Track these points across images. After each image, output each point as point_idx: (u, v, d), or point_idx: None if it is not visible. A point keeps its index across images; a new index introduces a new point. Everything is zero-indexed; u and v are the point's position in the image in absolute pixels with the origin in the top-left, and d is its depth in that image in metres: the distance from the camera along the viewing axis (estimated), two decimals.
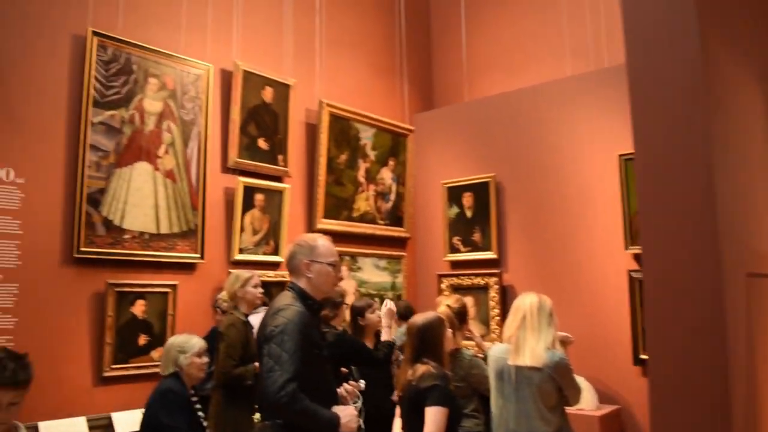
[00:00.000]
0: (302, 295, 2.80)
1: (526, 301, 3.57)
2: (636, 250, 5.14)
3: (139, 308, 4.66)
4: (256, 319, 3.93)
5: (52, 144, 4.40)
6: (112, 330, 4.51)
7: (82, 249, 4.42)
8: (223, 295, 4.50)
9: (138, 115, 4.87)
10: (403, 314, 5.67)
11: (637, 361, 5.14)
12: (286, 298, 2.79)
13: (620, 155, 5.34)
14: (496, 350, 3.68)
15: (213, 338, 4.26)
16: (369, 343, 4.47)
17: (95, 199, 4.53)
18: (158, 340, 4.71)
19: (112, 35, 4.76)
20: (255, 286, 4.27)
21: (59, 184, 4.41)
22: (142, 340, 4.67)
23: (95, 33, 4.66)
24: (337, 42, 6.86)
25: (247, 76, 5.70)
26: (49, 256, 4.31)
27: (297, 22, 6.38)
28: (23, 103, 4.30)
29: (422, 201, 7.23)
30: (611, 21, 6.04)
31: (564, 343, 4.15)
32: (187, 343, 3.55)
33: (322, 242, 2.90)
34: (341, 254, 6.43)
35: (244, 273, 4.33)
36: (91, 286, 4.49)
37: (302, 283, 2.83)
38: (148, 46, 4.98)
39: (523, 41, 7.23)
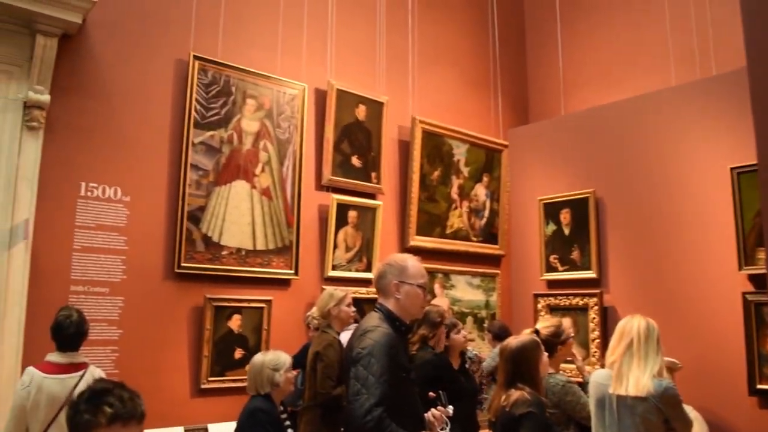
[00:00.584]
0: (390, 317, 2.74)
1: (632, 325, 3.33)
2: (752, 270, 4.77)
3: (235, 322, 4.78)
4: (345, 337, 3.93)
5: (156, 164, 4.62)
6: (210, 343, 4.64)
7: (183, 264, 4.59)
8: (314, 312, 4.51)
9: (236, 135, 5.03)
10: (498, 334, 5.53)
11: (754, 392, 4.73)
12: (373, 320, 2.72)
13: (732, 168, 4.97)
14: (597, 376, 3.47)
15: (305, 354, 4.29)
16: (454, 363, 4.37)
17: (195, 217, 4.71)
18: (253, 353, 4.79)
19: (212, 59, 4.95)
20: (348, 305, 4.26)
21: (162, 201, 4.61)
22: (238, 353, 4.78)
23: (196, 57, 4.86)
24: (430, 59, 6.84)
25: (341, 94, 5.78)
26: (152, 270, 4.50)
27: (390, 41, 6.42)
28: (131, 125, 4.54)
29: (517, 218, 7.03)
30: (719, 26, 5.70)
31: (671, 369, 3.88)
32: (278, 360, 3.58)
33: (412, 263, 2.83)
34: (434, 271, 6.38)
35: (338, 292, 4.32)
36: (190, 300, 4.65)
37: (390, 305, 2.77)
38: (245, 68, 5.14)
39: (623, 51, 6.94)
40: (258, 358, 3.64)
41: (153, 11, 4.77)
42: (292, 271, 5.20)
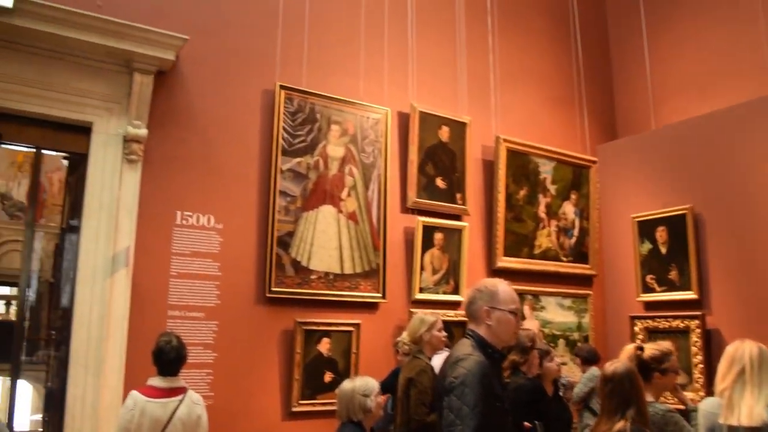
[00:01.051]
0: (482, 344, 2.63)
1: (743, 351, 3.11)
2: None
3: (324, 346, 4.82)
4: (436, 362, 3.87)
5: (246, 191, 4.75)
6: (300, 366, 4.69)
7: (274, 289, 4.68)
8: (404, 337, 4.44)
9: (322, 161, 5.11)
10: (587, 358, 5.32)
11: None
12: (465, 347, 2.62)
13: None
14: (707, 405, 3.26)
15: (394, 379, 4.26)
16: (547, 390, 4.22)
17: (284, 242, 4.80)
18: (343, 377, 4.82)
19: (297, 87, 5.07)
20: (439, 330, 4.18)
21: (252, 228, 4.73)
22: (328, 377, 4.81)
23: (282, 87, 4.99)
24: (511, 76, 6.74)
25: (424, 116, 5.79)
26: (245, 295, 4.61)
27: (470, 60, 6.39)
28: (222, 154, 4.70)
29: (609, 236, 6.76)
30: None
31: None
32: (367, 386, 3.53)
33: (503, 288, 2.72)
34: (523, 293, 6.23)
35: (429, 317, 4.23)
36: (281, 323, 4.72)
37: (482, 331, 2.66)
38: (329, 95, 5.24)
39: (713, 59, 6.60)
40: (347, 384, 3.56)
41: (240, 45, 4.94)
42: (380, 295, 5.20)
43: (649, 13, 7.03)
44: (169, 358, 3.46)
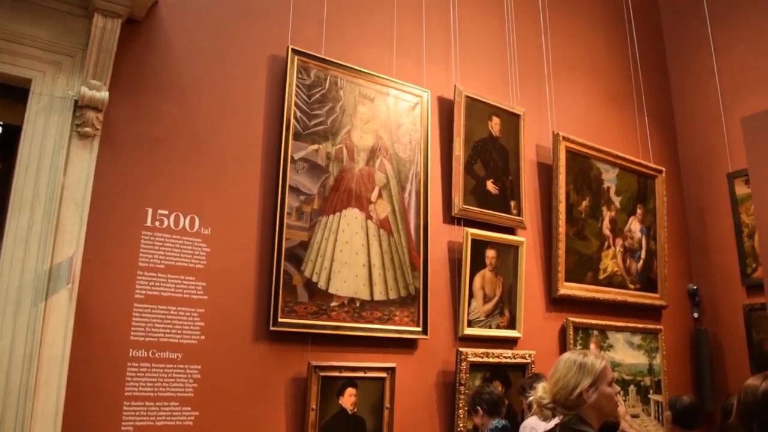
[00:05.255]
0: None
1: None
2: None
3: (349, 399, 3.52)
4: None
5: (244, 185, 3.49)
6: (315, 428, 3.37)
7: (281, 320, 3.38)
8: (542, 393, 2.64)
9: (346, 150, 3.87)
10: (682, 415, 3.98)
11: None
12: None
13: None
14: None
15: None
16: None
17: (296, 255, 3.52)
18: None
19: (315, 54, 3.86)
20: (611, 382, 2.39)
21: (252, 235, 3.45)
22: None
23: (295, 51, 3.77)
24: (566, 66, 5.58)
25: (471, 103, 4.57)
26: (240, 329, 3.31)
27: (520, 42, 5.22)
28: (213, 135, 3.44)
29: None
30: None
31: None
32: None
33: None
34: (588, 327, 5.02)
35: (593, 359, 2.36)
36: (289, 368, 3.42)
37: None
38: (356, 67, 4.02)
39: None
40: None
41: None
42: (420, 329, 3.91)
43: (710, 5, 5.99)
44: None
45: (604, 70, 6.01)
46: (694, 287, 6.01)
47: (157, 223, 3.15)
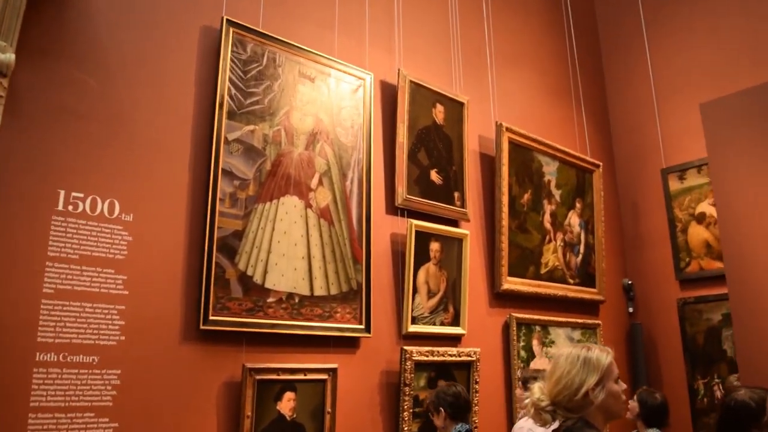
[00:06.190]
0: None
1: None
2: None
3: (287, 404, 3.21)
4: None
5: (172, 167, 3.12)
6: None
7: (212, 318, 3.04)
8: (538, 394, 2.11)
9: (284, 133, 3.56)
10: (652, 416, 3.89)
11: None
12: None
13: None
14: None
15: None
16: None
17: (229, 246, 3.19)
18: None
19: (252, 27, 3.53)
20: (617, 379, 2.14)
21: (180, 223, 3.09)
22: None
23: (231, 23, 3.43)
24: (508, 57, 5.46)
25: (415, 89, 4.35)
26: (165, 328, 2.95)
27: (464, 30, 5.05)
28: (137, 110, 3.06)
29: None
30: None
31: None
32: None
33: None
34: (531, 323, 4.89)
35: (598, 353, 2.09)
36: (221, 371, 3.09)
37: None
38: (296, 44, 3.71)
39: (727, 45, 5.62)
40: None
41: None
42: (362, 326, 3.65)
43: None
44: None
45: (544, 64, 5.93)
46: (629, 282, 6.02)
47: (70, 207, 2.75)
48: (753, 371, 3.39)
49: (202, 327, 2.99)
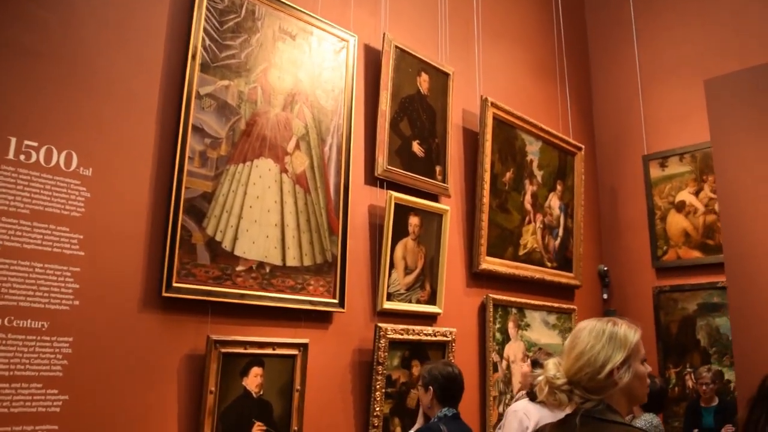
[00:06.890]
0: None
1: None
2: None
3: (254, 380, 3.00)
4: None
5: (138, 119, 2.86)
6: (213, 415, 2.84)
7: (176, 285, 2.81)
8: (553, 371, 1.81)
9: (261, 91, 3.31)
10: (650, 400, 3.74)
11: None
12: None
13: None
14: None
15: None
16: None
17: (197, 209, 2.95)
18: (279, 429, 3.05)
19: None
20: (644, 360, 1.71)
21: (144, 180, 2.84)
22: (257, 429, 2.99)
23: None
24: (495, 31, 5.28)
25: (400, 55, 4.13)
26: (124, 293, 2.71)
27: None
28: (101, 55, 2.78)
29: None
30: None
31: None
32: None
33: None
34: (508, 305, 4.75)
35: (625, 329, 1.82)
36: (184, 343, 2.86)
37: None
38: None
39: (714, 31, 5.55)
40: None
41: None
42: (336, 301, 3.45)
43: None
44: None
45: (531, 41, 5.77)
46: (605, 268, 5.94)
47: (22, 157, 2.48)
48: (749, 352, 3.28)
49: (164, 294, 2.76)
